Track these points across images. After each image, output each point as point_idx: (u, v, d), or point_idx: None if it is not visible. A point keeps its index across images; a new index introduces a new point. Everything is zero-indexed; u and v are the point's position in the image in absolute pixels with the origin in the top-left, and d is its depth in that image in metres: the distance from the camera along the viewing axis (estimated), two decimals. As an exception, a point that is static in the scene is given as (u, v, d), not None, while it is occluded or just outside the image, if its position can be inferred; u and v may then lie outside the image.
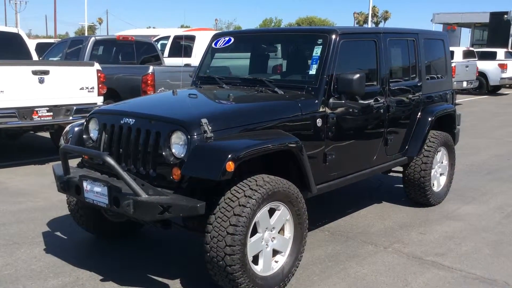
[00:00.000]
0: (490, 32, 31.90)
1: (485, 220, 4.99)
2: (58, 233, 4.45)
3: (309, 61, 4.11)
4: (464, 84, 16.56)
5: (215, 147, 3.12)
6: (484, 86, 19.35)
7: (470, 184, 6.30)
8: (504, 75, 19.11)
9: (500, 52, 21.52)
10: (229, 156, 2.98)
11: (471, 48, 20.72)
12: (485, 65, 19.07)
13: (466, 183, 6.34)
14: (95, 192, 3.30)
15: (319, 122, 3.90)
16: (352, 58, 4.35)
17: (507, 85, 20.58)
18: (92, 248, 4.21)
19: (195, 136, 3.15)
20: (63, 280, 3.55)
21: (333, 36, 4.08)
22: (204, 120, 3.17)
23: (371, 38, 4.57)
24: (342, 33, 4.14)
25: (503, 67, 19.08)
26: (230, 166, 2.96)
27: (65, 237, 4.38)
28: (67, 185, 3.52)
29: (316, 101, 3.92)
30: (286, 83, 4.20)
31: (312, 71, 4.02)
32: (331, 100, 3.98)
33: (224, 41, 4.79)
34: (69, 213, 4.21)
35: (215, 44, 4.84)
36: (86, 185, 3.35)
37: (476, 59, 18.57)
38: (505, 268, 3.87)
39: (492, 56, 20.79)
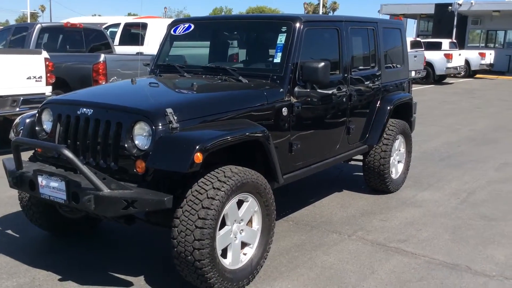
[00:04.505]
0: (435, 23, 32.88)
1: (442, 206, 5.12)
2: (10, 231, 4.19)
3: (273, 49, 4.03)
4: (413, 73, 17.05)
5: (182, 138, 2.99)
6: (430, 76, 20.02)
7: (425, 171, 6.46)
8: (449, 65, 19.83)
9: (445, 43, 22.36)
10: (197, 147, 2.87)
11: (418, 39, 21.31)
12: (431, 55, 19.71)
13: (421, 170, 6.50)
14: (52, 187, 3.11)
15: (284, 111, 3.84)
16: (316, 46, 4.30)
17: (452, 75, 21.37)
18: (47, 246, 3.98)
19: (160, 127, 3.02)
20: (18, 281, 3.33)
21: (298, 24, 4.01)
22: (169, 110, 3.03)
23: (334, 26, 4.54)
24: (306, 21, 4.08)
25: (448, 57, 19.79)
26: (198, 157, 2.86)
27: (18, 236, 4.12)
28: (20, 180, 3.29)
29: (281, 90, 3.85)
30: (250, 72, 4.10)
31: (277, 59, 3.95)
32: (296, 89, 3.92)
33: (183, 28, 4.62)
34: (21, 210, 3.96)
35: (174, 31, 4.67)
36: (41, 180, 3.15)
37: (423, 49, 19.14)
38: (466, 253, 3.97)
39: (437, 46, 21.55)
